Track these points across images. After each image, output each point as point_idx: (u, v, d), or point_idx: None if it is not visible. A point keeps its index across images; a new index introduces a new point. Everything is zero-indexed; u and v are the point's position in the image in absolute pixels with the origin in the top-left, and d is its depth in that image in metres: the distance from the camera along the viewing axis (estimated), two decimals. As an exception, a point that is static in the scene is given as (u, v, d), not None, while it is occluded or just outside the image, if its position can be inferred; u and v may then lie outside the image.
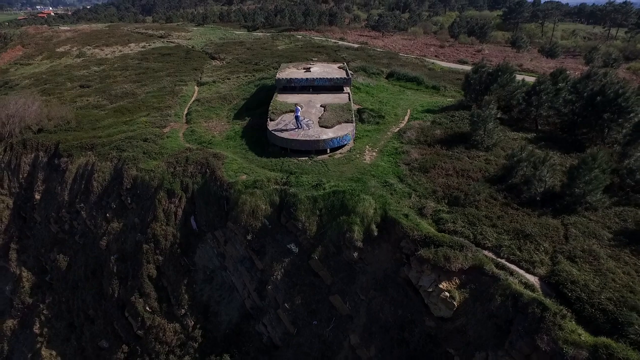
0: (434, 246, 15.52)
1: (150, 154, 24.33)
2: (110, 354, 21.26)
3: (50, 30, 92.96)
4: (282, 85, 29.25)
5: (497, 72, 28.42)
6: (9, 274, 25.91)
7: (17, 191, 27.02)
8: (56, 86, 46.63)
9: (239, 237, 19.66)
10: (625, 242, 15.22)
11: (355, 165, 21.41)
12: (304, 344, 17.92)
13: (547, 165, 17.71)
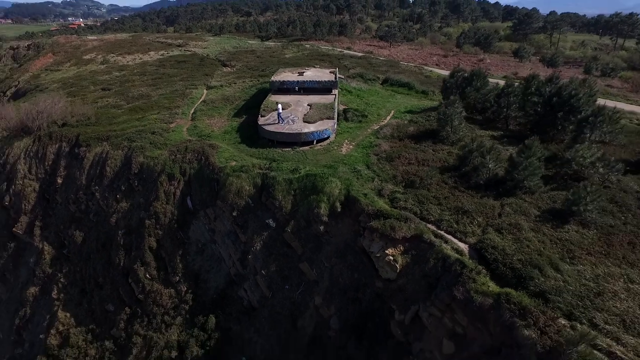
0: (383, 218, 18.02)
1: (156, 144, 27.54)
2: (115, 316, 24.27)
3: (78, 39, 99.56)
4: (276, 87, 32.34)
5: (472, 76, 30.77)
6: (32, 248, 29.50)
7: (43, 176, 30.75)
8: (81, 89, 51.11)
9: (226, 214, 22.51)
10: (549, 218, 17.40)
11: (331, 155, 24.07)
12: (276, 305, 20.52)
13: (492, 154, 20.03)
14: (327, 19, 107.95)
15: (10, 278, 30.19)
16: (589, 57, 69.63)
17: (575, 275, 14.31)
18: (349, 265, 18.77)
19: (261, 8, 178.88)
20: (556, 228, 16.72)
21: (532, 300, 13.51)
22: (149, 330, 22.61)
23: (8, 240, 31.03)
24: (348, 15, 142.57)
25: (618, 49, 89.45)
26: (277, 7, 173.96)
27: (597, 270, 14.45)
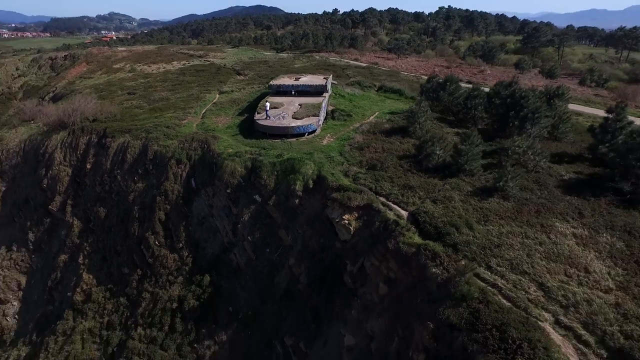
0: (343, 191, 21.84)
1: (168, 136, 32.07)
2: (129, 277, 28.63)
3: (109, 50, 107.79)
4: (274, 90, 36.75)
5: (446, 82, 34.32)
6: (64, 222, 34.43)
7: (75, 163, 35.93)
8: (109, 93, 57.00)
9: (222, 191, 26.70)
10: (477, 193, 20.77)
11: (313, 145, 27.97)
12: (259, 266, 24.44)
13: (440, 143, 23.63)
14: (340, 33, 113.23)
15: (45, 248, 35.26)
16: (586, 69, 71.89)
17: (484, 232, 17.77)
18: (316, 231, 22.57)
19: (283, 22, 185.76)
20: (481, 200, 20.16)
21: (444, 248, 17.03)
22: (156, 287, 26.86)
23: (44, 217, 36.24)
24: (363, 29, 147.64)
25: (623, 61, 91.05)
26: (296, 22, 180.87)
27: (503, 229, 17.85)
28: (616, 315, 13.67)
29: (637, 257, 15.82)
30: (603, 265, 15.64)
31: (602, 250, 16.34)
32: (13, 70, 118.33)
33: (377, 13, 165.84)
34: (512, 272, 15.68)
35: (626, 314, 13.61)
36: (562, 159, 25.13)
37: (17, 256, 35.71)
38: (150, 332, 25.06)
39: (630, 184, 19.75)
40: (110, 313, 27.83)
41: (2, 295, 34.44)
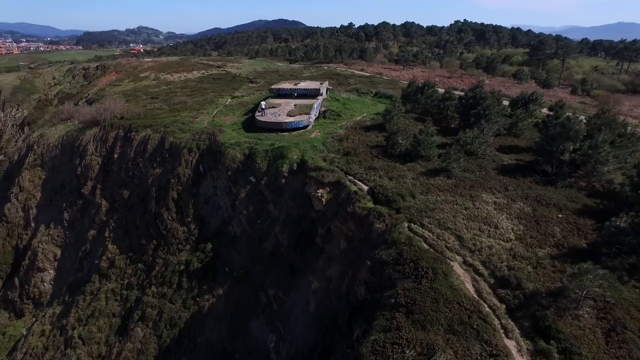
0: (319, 171, 26.43)
1: (183, 130, 37.33)
2: (146, 246, 33.65)
3: (137, 61, 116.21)
4: (275, 93, 41.86)
5: (424, 86, 38.71)
6: (94, 203, 40.06)
7: (104, 153, 41.77)
8: (135, 97, 63.39)
9: (224, 174, 31.63)
10: (427, 173, 24.80)
11: (302, 137, 32.61)
12: (251, 234, 29.11)
13: (402, 134, 28.03)
14: (350, 45, 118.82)
15: (77, 226, 40.90)
16: (579, 79, 74.76)
17: (423, 200, 21.95)
18: (297, 204, 27.12)
19: (302, 35, 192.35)
20: (428, 178, 24.32)
21: (388, 210, 21.35)
22: (167, 254, 31.80)
23: (77, 199, 42.01)
24: (376, 42, 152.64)
25: (624, 72, 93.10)
26: (313, 35, 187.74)
27: (439, 198, 22.01)
28: (507, 256, 17.71)
29: (537, 218, 19.81)
30: (510, 224, 19.68)
31: (512, 214, 20.37)
32: (50, 79, 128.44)
33: (390, 27, 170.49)
34: (438, 227, 19.85)
35: (515, 255, 17.63)
36: (512, 149, 29.11)
37: (54, 232, 41.54)
38: (162, 290, 29.94)
39: (553, 167, 23.71)
40: (130, 276, 32.91)
41: (41, 265, 40.23)
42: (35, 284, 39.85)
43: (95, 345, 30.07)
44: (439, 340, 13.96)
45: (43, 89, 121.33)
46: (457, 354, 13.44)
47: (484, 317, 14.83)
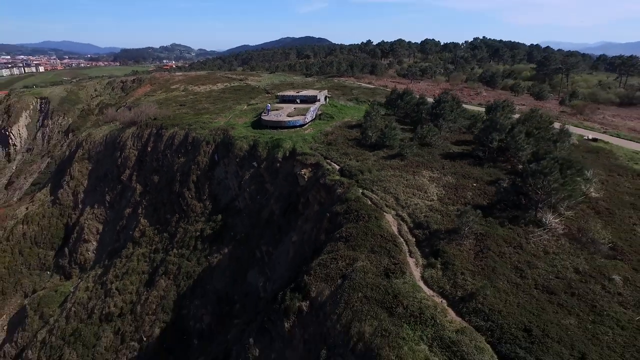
0: (303, 155, 33.44)
1: (203, 128, 45.14)
2: (170, 220, 41.26)
3: (168, 75, 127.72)
4: (280, 98, 49.45)
5: (403, 94, 45.22)
6: (130, 187, 48.30)
7: (140, 147, 50.30)
8: (166, 104, 72.29)
9: (233, 161, 39.08)
10: (386, 157, 31.28)
11: (297, 133, 39.66)
12: (252, 207, 36.19)
13: (371, 129, 34.71)
14: (362, 61, 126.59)
15: (116, 206, 49.24)
16: (569, 92, 79.19)
17: (377, 174, 28.44)
18: (287, 182, 34.08)
19: (326, 52, 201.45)
20: (386, 160, 30.78)
21: (348, 180, 28.16)
22: (187, 224, 39.25)
23: (117, 185, 50.53)
24: (392, 58, 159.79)
25: (622, 86, 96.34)
26: (333, 52, 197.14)
27: (389, 173, 28.45)
28: (427, 210, 23.97)
29: (457, 186, 26.03)
30: (436, 190, 26.00)
31: (440, 183, 26.65)
32: (92, 91, 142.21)
33: (405, 44, 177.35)
34: (383, 192, 26.36)
35: (432, 209, 23.88)
36: (464, 142, 35.21)
37: (97, 211, 50.03)
38: (181, 251, 37.31)
39: (485, 153, 29.86)
40: (157, 243, 40.55)
41: (86, 237, 48.62)
42: (81, 253, 48.23)
43: (128, 294, 37.58)
44: (362, 256, 20.54)
45: (86, 99, 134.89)
46: (371, 263, 19.98)
47: (397, 244, 21.30)
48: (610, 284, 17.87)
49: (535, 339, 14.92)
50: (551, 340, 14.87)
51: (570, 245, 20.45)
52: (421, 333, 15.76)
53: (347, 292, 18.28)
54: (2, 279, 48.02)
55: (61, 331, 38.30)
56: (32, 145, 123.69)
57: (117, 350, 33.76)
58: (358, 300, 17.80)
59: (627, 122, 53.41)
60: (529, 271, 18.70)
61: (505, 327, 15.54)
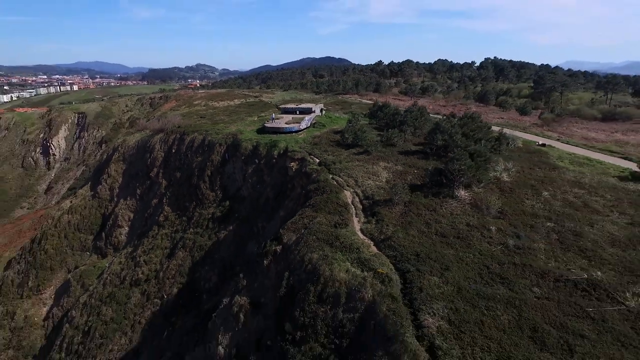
0: (292, 152, 42.05)
1: (217, 133, 54.34)
2: (188, 207, 50.26)
3: (192, 92, 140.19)
4: (282, 110, 58.58)
5: (383, 106, 53.53)
6: (157, 182, 57.88)
7: (165, 149, 60.05)
8: (189, 117, 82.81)
9: (240, 159, 48.01)
10: (357, 153, 39.51)
11: (292, 137, 48.14)
12: (253, 195, 44.76)
13: (348, 132, 43.11)
14: (367, 80, 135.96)
15: (145, 198, 58.74)
16: (550, 108, 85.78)
17: (346, 165, 36.54)
18: (280, 174, 42.57)
19: (341, 72, 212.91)
20: (355, 155, 38.81)
21: (322, 168, 36.54)
22: (201, 210, 48.07)
23: (146, 180, 60.21)
24: (401, 77, 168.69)
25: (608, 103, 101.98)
26: (346, 71, 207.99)
27: (355, 164, 36.48)
28: (376, 187, 31.99)
29: (402, 172, 34.04)
30: (386, 175, 34.00)
31: (390, 171, 34.61)
32: (123, 107, 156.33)
33: (413, 64, 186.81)
34: (347, 177, 34.35)
35: (379, 187, 31.93)
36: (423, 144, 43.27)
37: (129, 203, 59.67)
38: (196, 230, 46.04)
39: (432, 150, 37.82)
40: (177, 225, 49.48)
41: (120, 223, 58.15)
42: (115, 236, 57.68)
43: (153, 264, 46.36)
44: (320, 215, 28.74)
45: (118, 114, 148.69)
46: (326, 219, 28.09)
47: (347, 209, 29.31)
48: (487, 232, 25.38)
49: (420, 259, 22.55)
50: (430, 259, 22.46)
51: (471, 210, 28.11)
52: (348, 256, 23.65)
53: (306, 236, 26.41)
54: (50, 257, 57.83)
55: (99, 295, 47.28)
56: (70, 155, 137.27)
57: (143, 306, 42.38)
58: (312, 240, 25.90)
59: (588, 133, 59.95)
60: (434, 224, 26.37)
61: (404, 253, 23.22)
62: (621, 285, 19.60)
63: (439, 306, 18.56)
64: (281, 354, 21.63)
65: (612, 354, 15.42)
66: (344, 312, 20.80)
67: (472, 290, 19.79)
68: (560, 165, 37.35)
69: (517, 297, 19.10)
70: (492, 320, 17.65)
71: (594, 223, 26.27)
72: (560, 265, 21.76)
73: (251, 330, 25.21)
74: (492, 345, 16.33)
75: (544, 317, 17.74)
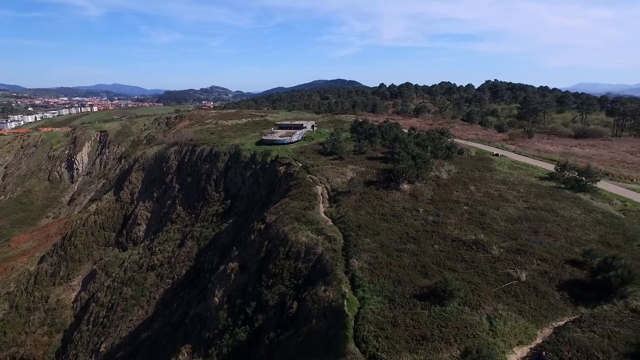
0: (282, 158, 50.94)
1: (222, 145, 63.50)
2: (197, 205, 59.22)
3: (204, 112, 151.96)
4: (278, 126, 68.02)
5: (362, 122, 62.48)
6: (171, 186, 66.95)
7: (179, 159, 69.53)
8: (200, 133, 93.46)
9: (240, 165, 56.98)
10: (332, 158, 47.96)
11: (283, 147, 57.14)
12: (249, 194, 53.31)
13: (329, 143, 51.96)
14: (363, 100, 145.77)
15: (160, 200, 67.95)
16: (525, 125, 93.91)
17: (322, 167, 44.95)
18: (272, 176, 51.28)
19: (347, 93, 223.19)
20: (331, 160, 47.39)
21: (303, 169, 45.42)
22: (207, 208, 56.91)
23: (162, 185, 69.63)
24: (400, 99, 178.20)
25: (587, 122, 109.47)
26: (349, 93, 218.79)
27: (329, 166, 45.31)
28: (342, 183, 40.86)
29: (364, 172, 42.77)
30: (351, 174, 42.39)
31: (355, 171, 43.13)
32: (142, 126, 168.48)
33: (412, 87, 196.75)
34: (321, 175, 42.99)
35: (344, 183, 40.78)
36: (388, 152, 51.85)
37: (147, 205, 68.93)
38: (202, 224, 54.77)
39: (392, 156, 46.43)
40: (186, 221, 58.35)
41: (139, 222, 67.30)
42: (134, 232, 66.75)
43: (166, 253, 54.99)
44: (295, 202, 37.37)
45: (136, 132, 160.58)
46: (299, 205, 36.62)
47: (317, 198, 37.54)
48: (415, 212, 33.42)
49: (361, 228, 30.53)
50: (368, 229, 30.41)
51: (409, 198, 36.41)
52: (310, 227, 31.75)
53: (282, 216, 34.92)
54: (79, 251, 67.01)
55: (120, 279, 55.98)
56: (92, 169, 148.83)
57: (157, 285, 50.88)
58: (286, 219, 34.22)
59: (544, 146, 67.87)
60: (378, 207, 34.54)
61: (350, 225, 30.95)
62: (495, 243, 27.61)
63: (364, 255, 26.65)
64: (258, 295, 29.88)
65: (470, 279, 23.34)
66: (302, 263, 29.05)
67: (390, 246, 27.92)
68: (497, 169, 45.38)
69: (420, 250, 27.15)
70: (397, 262, 25.69)
71: (500, 207, 34.16)
72: (460, 233, 29.65)
73: (239, 284, 33.57)
74: (391, 274, 24.29)
75: (433, 260, 25.69)
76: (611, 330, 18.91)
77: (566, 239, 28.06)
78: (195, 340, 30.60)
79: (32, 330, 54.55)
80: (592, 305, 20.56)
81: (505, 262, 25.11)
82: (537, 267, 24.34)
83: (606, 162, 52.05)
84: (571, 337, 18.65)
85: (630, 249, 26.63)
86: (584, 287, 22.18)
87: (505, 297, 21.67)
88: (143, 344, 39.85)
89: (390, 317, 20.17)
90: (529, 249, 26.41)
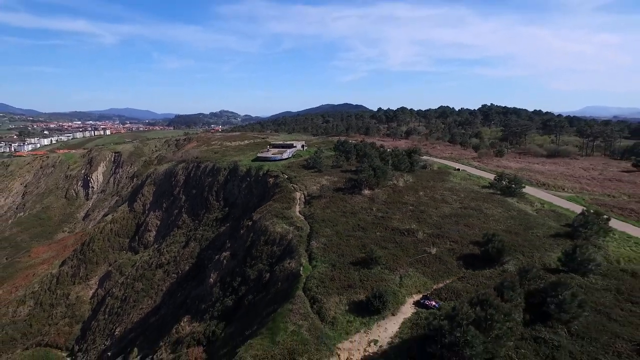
0: (273, 173, 59.98)
1: (223, 161, 72.91)
2: (200, 213, 67.91)
3: (211, 134, 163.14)
4: (272, 145, 77.46)
5: (344, 142, 71.60)
6: (179, 197, 75.55)
7: (186, 174, 78.59)
8: (206, 152, 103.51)
9: (237, 178, 65.86)
10: (313, 172, 57.13)
11: (274, 163, 65.80)
12: (244, 202, 61.97)
13: (312, 160, 60.97)
14: (357, 124, 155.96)
15: (169, 209, 76.83)
16: (498, 147, 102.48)
17: (302, 177, 53.48)
18: (263, 187, 59.83)
19: (347, 117, 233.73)
20: (312, 173, 55.99)
21: (287, 179, 54.39)
22: (208, 214, 65.61)
23: (170, 197, 78.68)
24: (396, 122, 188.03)
25: (557, 142, 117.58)
26: (348, 117, 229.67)
27: (308, 177, 53.92)
28: (316, 190, 49.66)
29: (336, 180, 51.50)
30: (325, 182, 51.19)
31: (329, 180, 51.89)
32: (153, 147, 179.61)
33: (407, 111, 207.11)
34: (301, 183, 51.59)
35: (320, 189, 49.72)
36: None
37: (157, 214, 77.87)
38: (204, 228, 63.29)
39: (361, 169, 55.26)
40: (191, 226, 67.06)
41: (149, 229, 76.08)
42: (145, 238, 75.42)
43: (172, 253, 63.41)
44: (276, 204, 46.18)
45: (148, 153, 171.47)
46: (280, 205, 45.38)
47: (294, 201, 45.71)
48: (370, 211, 41.83)
49: (324, 222, 38.66)
50: (330, 222, 38.39)
51: (368, 200, 44.98)
52: (285, 221, 40.05)
53: (265, 214, 43.62)
54: (96, 255, 75.72)
55: (132, 276, 64.35)
56: (106, 187, 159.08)
57: (164, 279, 59.15)
58: (268, 216, 42.77)
59: (508, 163, 76.09)
60: (341, 207, 42.66)
61: (317, 220, 39.18)
62: (422, 231, 35.61)
63: (322, 239, 34.71)
64: (242, 273, 38.11)
65: (395, 253, 31.30)
66: (277, 247, 37.35)
67: (344, 233, 36.09)
68: (450, 180, 53.67)
69: (365, 236, 35.22)
70: (346, 244, 33.78)
71: (438, 207, 42.31)
72: (400, 224, 37.72)
73: (229, 268, 41.87)
74: (339, 251, 32.30)
75: (372, 242, 33.62)
76: (480, 282, 26.98)
77: (480, 229, 35.75)
78: (194, 312, 38.76)
79: (55, 322, 62.61)
80: (478, 270, 28.64)
81: (425, 243, 32.91)
82: (448, 246, 32.12)
83: (552, 176, 60.09)
84: (452, 286, 26.58)
85: (525, 234, 34.41)
86: (477, 258, 30.18)
87: (417, 264, 29.54)
88: (151, 326, 47.92)
89: (330, 275, 28.24)
90: (447, 234, 34.26)
